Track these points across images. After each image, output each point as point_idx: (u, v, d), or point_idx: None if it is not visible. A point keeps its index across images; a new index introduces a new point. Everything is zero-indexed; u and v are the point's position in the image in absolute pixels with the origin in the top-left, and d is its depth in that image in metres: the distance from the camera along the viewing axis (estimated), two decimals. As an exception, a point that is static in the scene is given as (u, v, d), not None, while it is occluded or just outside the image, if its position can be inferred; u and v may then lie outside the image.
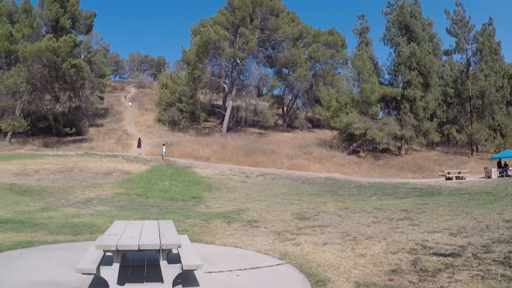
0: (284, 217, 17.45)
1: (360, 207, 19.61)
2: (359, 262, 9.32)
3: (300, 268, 8.97)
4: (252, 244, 11.65)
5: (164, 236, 7.46)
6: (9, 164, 35.58)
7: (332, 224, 15.03)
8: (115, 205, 21.44)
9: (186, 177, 32.50)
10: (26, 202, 21.79)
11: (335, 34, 72.82)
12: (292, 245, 11.35)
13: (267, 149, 48.38)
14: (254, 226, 15.18)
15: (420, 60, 54.12)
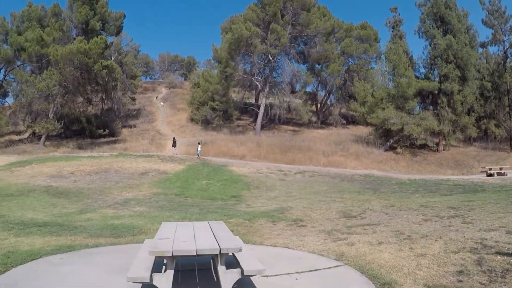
0: (329, 215, 16.82)
1: (405, 205, 18.88)
2: (421, 262, 8.78)
3: (361, 270, 8.53)
4: (303, 245, 11.14)
5: (221, 239, 6.91)
6: (44, 166, 35.58)
7: (382, 222, 14.39)
8: (154, 206, 21.08)
9: (223, 176, 32.07)
10: (63, 204, 21.56)
11: (368, 28, 71.68)
12: (346, 245, 10.80)
13: (303, 146, 47.78)
14: (301, 225, 14.61)
15: (456, 53, 52.64)
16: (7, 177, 32.07)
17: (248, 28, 57.47)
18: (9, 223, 14.58)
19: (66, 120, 60.45)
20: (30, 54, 56.15)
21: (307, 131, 64.97)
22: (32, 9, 63.75)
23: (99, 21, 62.86)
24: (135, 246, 10.69)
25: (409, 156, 49.11)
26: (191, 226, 8.62)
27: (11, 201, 21.82)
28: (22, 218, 16.16)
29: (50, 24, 59.69)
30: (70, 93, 56.07)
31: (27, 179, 31.20)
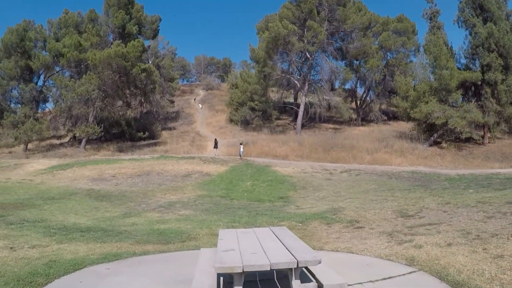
0: (385, 215, 15.79)
1: (461, 202, 17.76)
2: (502, 265, 7.94)
3: (439, 276, 7.75)
4: (367, 249, 10.21)
5: (294, 249, 6.01)
6: (85, 169, 35.36)
7: (443, 221, 13.34)
8: (199, 209, 20.29)
9: (268, 177, 31.15)
10: (106, 207, 21.01)
11: (405, 20, 69.91)
12: (414, 248, 9.83)
13: (346, 144, 46.69)
14: (358, 227, 13.74)
15: (498, 41, 50.58)
16: (48, 180, 31.91)
17: (285, 26, 56.58)
18: (51, 228, 13.97)
19: (106, 124, 60.66)
20: (68, 59, 56.38)
21: (348, 129, 63.70)
22: (69, 16, 64.45)
23: (136, 25, 62.98)
24: (186, 254, 9.92)
25: (454, 150, 47.52)
26: (253, 234, 7.70)
27: (53, 205, 21.36)
28: (64, 222, 15.56)
29: (87, 29, 60.05)
30: (109, 97, 56.15)
31: (68, 182, 30.96)
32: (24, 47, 62.86)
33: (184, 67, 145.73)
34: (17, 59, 62.46)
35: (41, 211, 19.19)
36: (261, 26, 75.58)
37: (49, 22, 68.31)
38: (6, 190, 27.86)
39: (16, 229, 13.77)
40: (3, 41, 63.34)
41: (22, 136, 55.45)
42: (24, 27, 64.35)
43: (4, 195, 25.64)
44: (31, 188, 28.53)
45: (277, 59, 63.19)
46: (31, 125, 55.84)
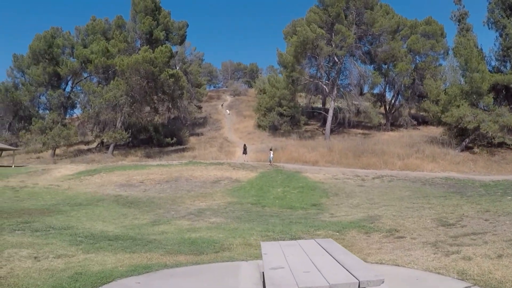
0: (424, 224, 15.06)
1: (501, 209, 17.02)
2: None
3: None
4: (413, 261, 9.46)
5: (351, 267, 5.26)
6: (113, 175, 35.01)
7: (487, 230, 12.70)
8: (230, 216, 19.57)
9: (299, 183, 30.32)
10: (134, 214, 20.43)
11: (433, 23, 68.59)
12: (463, 260, 9.11)
13: (376, 150, 45.65)
14: (398, 236, 13.09)
15: (530, 42, 49.47)
16: (76, 186, 31.59)
17: (313, 30, 55.84)
18: (78, 236, 13.43)
19: (134, 130, 60.68)
20: (96, 65, 56.43)
21: (378, 134, 62.62)
22: (96, 23, 64.79)
23: (163, 31, 62.94)
24: (221, 266, 9.27)
25: (487, 155, 46.11)
26: (299, 247, 6.91)
27: (80, 211, 20.88)
28: (91, 230, 15.01)
29: (114, 36, 60.21)
30: (137, 103, 55.98)
31: (96, 188, 30.60)
32: (52, 53, 63.23)
33: (211, 73, 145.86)
34: (45, 65, 62.83)
35: (67, 217, 18.70)
36: (288, 31, 74.90)
37: (77, 29, 68.72)
38: (33, 195, 27.58)
39: (41, 236, 13.26)
40: (31, 48, 63.81)
41: (50, 141, 55.54)
42: (52, 34, 64.78)
43: (31, 200, 25.34)
44: (58, 194, 28.21)
45: (305, 64, 62.49)
46: (59, 131, 55.95)
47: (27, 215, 18.86)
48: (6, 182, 33.05)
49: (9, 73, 72.08)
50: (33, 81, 64.78)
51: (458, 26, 58.80)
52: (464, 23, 58.01)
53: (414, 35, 65.32)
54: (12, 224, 15.88)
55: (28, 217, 18.04)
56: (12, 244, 11.69)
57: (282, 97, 64.64)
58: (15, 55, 70.19)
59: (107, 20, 67.30)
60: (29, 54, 65.49)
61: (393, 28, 62.59)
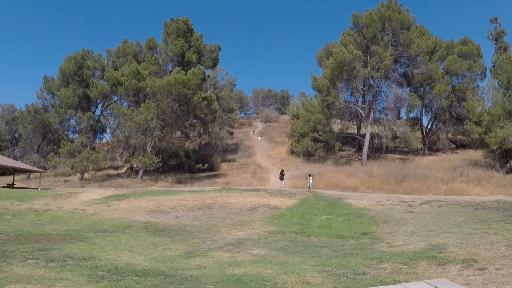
0: (501, 251, 13.25)
1: None
2: None
3: None
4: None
5: None
6: (142, 200, 33.16)
7: None
8: (275, 247, 17.20)
9: (343, 210, 27.83)
10: (165, 244, 18.21)
11: (469, 43, 66.42)
12: None
13: (418, 174, 43.22)
14: (479, 268, 11.20)
15: None
16: (102, 211, 29.75)
17: (350, 51, 53.91)
18: (99, 269, 11.34)
19: (164, 155, 59.34)
20: (126, 87, 55.22)
21: (416, 159, 60.29)
22: (127, 45, 63.91)
23: (195, 53, 61.72)
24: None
25: (534, 177, 43.51)
26: None
27: (105, 239, 18.80)
28: (115, 262, 12.88)
29: (145, 58, 59.37)
30: (168, 126, 54.22)
31: (123, 213, 28.72)
32: (82, 75, 62.44)
33: (242, 100, 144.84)
34: (74, 87, 62.11)
35: (90, 245, 16.62)
36: (321, 54, 74.44)
37: (107, 51, 67.80)
38: (56, 219, 25.83)
39: (56, 268, 11.18)
40: (61, 69, 63.12)
41: (79, 165, 54.28)
42: (82, 55, 64.07)
43: (53, 225, 23.56)
44: (83, 219, 26.38)
45: (341, 88, 60.56)
46: (87, 154, 54.70)
47: (45, 241, 17.04)
48: (30, 205, 31.63)
49: (39, 95, 71.73)
50: (62, 103, 63.98)
51: (495, 45, 56.93)
52: (502, 41, 56.17)
53: (450, 55, 63.41)
54: (26, 251, 14.07)
55: (46, 244, 16.16)
56: (18, 278, 9.63)
57: (317, 121, 62.81)
58: (45, 77, 69.68)
59: (138, 43, 66.45)
60: (59, 76, 64.81)
61: (430, 48, 60.78)
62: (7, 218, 25.44)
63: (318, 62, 76.19)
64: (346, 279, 10.45)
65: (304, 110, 68.22)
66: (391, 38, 58.10)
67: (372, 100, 60.84)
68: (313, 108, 64.51)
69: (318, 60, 75.62)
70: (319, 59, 74.49)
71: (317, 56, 76.84)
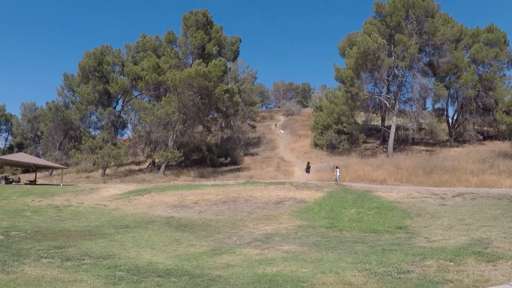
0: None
1: None
2: None
3: None
4: None
5: None
6: (164, 195, 32.37)
7: None
8: (306, 243, 16.12)
9: (373, 203, 26.55)
10: (189, 240, 17.31)
11: (495, 31, 64.38)
12: None
13: (447, 167, 41.74)
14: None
15: None
16: (124, 206, 29.06)
17: (374, 39, 52.45)
18: (118, 269, 10.45)
19: (186, 149, 58.68)
20: (147, 82, 54.53)
21: (443, 150, 58.50)
22: (147, 40, 63.35)
23: (215, 46, 60.74)
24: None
25: None
26: None
27: (126, 235, 18.00)
28: (136, 261, 11.98)
29: (165, 52, 58.62)
30: (189, 120, 53.38)
31: (145, 208, 27.95)
32: (101, 71, 61.92)
33: (263, 94, 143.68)
34: (95, 83, 61.58)
35: (110, 242, 15.77)
36: (343, 45, 72.55)
37: (127, 46, 67.15)
38: (76, 215, 25.18)
39: (71, 268, 10.28)
40: (81, 65, 62.63)
41: (100, 160, 53.79)
42: (101, 51, 63.53)
43: (73, 221, 22.85)
44: (103, 214, 25.66)
45: (365, 78, 59.16)
46: (109, 150, 54.16)
47: (64, 238, 16.25)
48: (51, 201, 31.11)
49: (59, 92, 71.48)
50: (83, 100, 63.50)
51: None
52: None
53: (476, 44, 61.66)
54: (42, 249, 13.26)
55: (64, 241, 15.37)
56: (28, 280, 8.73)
57: (341, 113, 61.35)
58: (65, 74, 69.42)
59: (157, 37, 65.81)
60: (79, 72, 64.39)
61: (455, 36, 59.16)
62: (27, 215, 24.82)
63: (340, 53, 74.31)
64: (391, 278, 9.40)
65: (328, 102, 67.04)
66: (416, 27, 56.49)
67: (397, 90, 59.24)
68: (336, 100, 63.06)
69: (341, 51, 73.72)
70: (341, 49, 72.69)
71: (339, 47, 74.96)
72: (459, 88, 60.67)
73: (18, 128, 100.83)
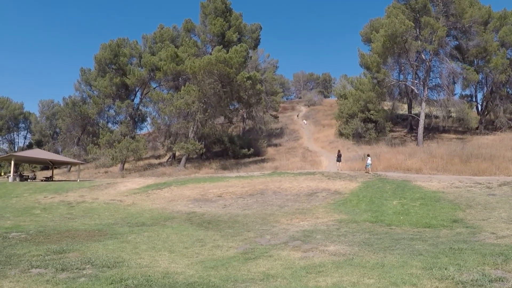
0: None
1: None
2: None
3: None
4: None
5: None
6: (185, 188, 30.18)
7: None
8: (353, 242, 13.53)
9: (415, 193, 23.65)
10: (214, 240, 14.78)
11: (524, 13, 61.09)
12: None
13: (484, 154, 38.96)
14: None
15: None
16: (141, 201, 26.95)
17: (402, 21, 49.69)
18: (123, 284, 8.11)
19: (207, 142, 56.56)
20: (165, 72, 52.39)
21: (474, 138, 55.19)
22: (164, 31, 61.54)
23: (235, 33, 58.49)
24: None
25: None
26: None
27: (141, 234, 15.73)
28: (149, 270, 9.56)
29: (183, 42, 56.77)
30: (210, 109, 50.89)
31: (164, 203, 25.75)
32: (118, 63, 60.01)
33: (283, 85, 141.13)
34: (111, 76, 59.71)
35: (121, 244, 13.46)
36: (365, 31, 71.99)
37: (144, 37, 65.17)
38: (89, 212, 23.21)
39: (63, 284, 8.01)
40: (97, 58, 60.91)
41: (118, 154, 51.92)
42: (117, 43, 61.66)
43: (85, 218, 20.86)
44: (118, 211, 23.59)
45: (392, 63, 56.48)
46: (127, 143, 52.12)
47: (68, 240, 14.12)
48: (64, 197, 29.33)
49: (76, 87, 70.07)
50: (100, 94, 61.54)
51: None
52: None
53: (505, 26, 57.95)
54: (37, 255, 11.11)
55: (68, 243, 13.19)
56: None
57: (368, 100, 58.44)
58: (82, 69, 68.00)
59: (175, 27, 63.82)
60: (95, 66, 62.63)
61: (483, 19, 56.24)
62: (36, 213, 22.96)
63: (363, 39, 73.73)
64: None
65: (354, 89, 64.43)
66: (442, 8, 53.64)
67: (425, 76, 56.28)
68: (363, 86, 60.19)
69: (363, 37, 73.12)
70: (364, 36, 72.05)
71: (362, 34, 74.01)
72: (490, 72, 57.29)
73: (37, 125, 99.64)
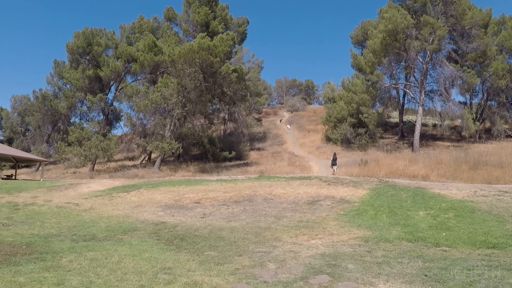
0: None
1: None
2: None
3: None
4: None
5: None
6: (156, 192, 25.56)
7: None
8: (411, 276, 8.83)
9: (440, 203, 19.08)
10: (189, 270, 9.72)
11: (523, 18, 58.56)
12: None
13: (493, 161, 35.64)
14: None
15: None
16: (101, 205, 22.24)
17: (404, 16, 46.19)
18: None
19: (185, 143, 52.26)
20: (142, 63, 47.93)
21: (472, 146, 52.32)
22: (144, 21, 57.72)
23: (221, 24, 54.66)
24: None
25: None
26: None
27: (83, 255, 10.90)
28: None
29: (164, 33, 53.30)
30: (190, 104, 46.24)
31: (128, 210, 20.94)
32: (92, 53, 54.96)
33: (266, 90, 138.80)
34: (84, 67, 54.72)
35: (43, 272, 8.62)
36: (356, 33, 70.48)
37: (121, 27, 60.75)
38: (33, 217, 18.55)
39: None
40: (69, 47, 55.75)
41: (87, 153, 47.03)
42: (92, 32, 56.53)
43: (23, 225, 16.31)
44: (69, 217, 18.79)
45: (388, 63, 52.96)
46: (97, 141, 47.32)
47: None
48: (14, 197, 24.85)
49: (49, 80, 65.85)
50: (72, 87, 56.76)
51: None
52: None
53: (504, 31, 56.11)
54: None
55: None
56: None
57: (361, 103, 55.02)
58: (56, 61, 63.12)
59: (156, 18, 59.64)
60: (68, 56, 57.28)
61: (484, 21, 53.73)
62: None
63: (353, 42, 72.04)
64: None
65: (345, 91, 60.99)
66: (442, 8, 51.01)
67: (422, 79, 52.93)
68: (356, 88, 56.82)
69: (353, 39, 71.52)
70: (355, 38, 70.83)
71: (352, 36, 72.13)
72: (489, 77, 54.82)
73: (7, 121, 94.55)
